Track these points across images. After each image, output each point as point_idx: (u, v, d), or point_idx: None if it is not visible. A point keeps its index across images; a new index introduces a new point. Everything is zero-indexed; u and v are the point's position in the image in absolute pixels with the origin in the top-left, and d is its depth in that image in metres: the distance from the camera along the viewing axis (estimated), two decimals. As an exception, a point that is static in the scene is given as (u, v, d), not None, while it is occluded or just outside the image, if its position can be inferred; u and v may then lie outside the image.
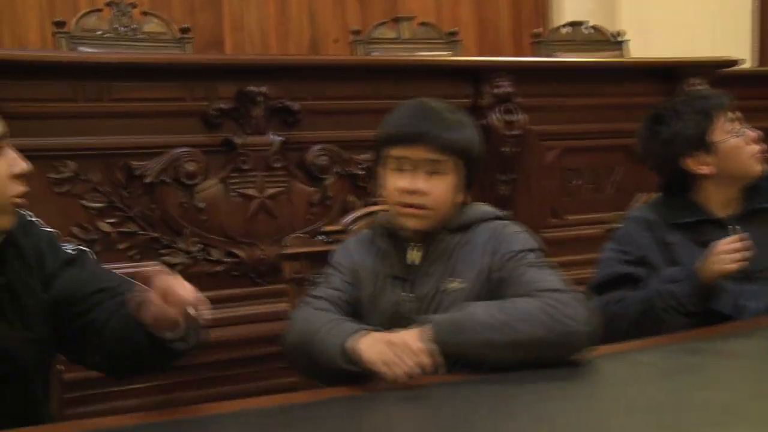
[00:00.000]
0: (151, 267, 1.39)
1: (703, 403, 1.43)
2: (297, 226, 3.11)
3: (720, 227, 2.31)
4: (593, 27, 5.01)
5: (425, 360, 1.54)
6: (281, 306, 3.00)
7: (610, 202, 3.51)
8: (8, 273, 1.52)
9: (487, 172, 3.37)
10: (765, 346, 1.96)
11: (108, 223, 2.77)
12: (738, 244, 2.13)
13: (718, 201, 2.36)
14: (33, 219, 1.65)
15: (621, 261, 2.32)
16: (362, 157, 3.20)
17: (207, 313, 1.44)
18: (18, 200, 1.49)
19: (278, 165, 3.06)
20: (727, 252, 2.12)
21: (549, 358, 1.63)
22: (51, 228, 1.70)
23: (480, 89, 3.35)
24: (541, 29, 5.21)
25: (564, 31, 4.95)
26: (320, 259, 2.16)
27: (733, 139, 2.31)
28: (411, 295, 1.87)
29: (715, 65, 3.86)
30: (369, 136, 3.16)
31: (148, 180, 2.88)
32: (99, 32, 4.06)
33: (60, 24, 3.92)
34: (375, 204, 3.14)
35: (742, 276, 2.21)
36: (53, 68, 2.78)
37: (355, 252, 1.95)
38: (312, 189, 3.14)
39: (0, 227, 1.49)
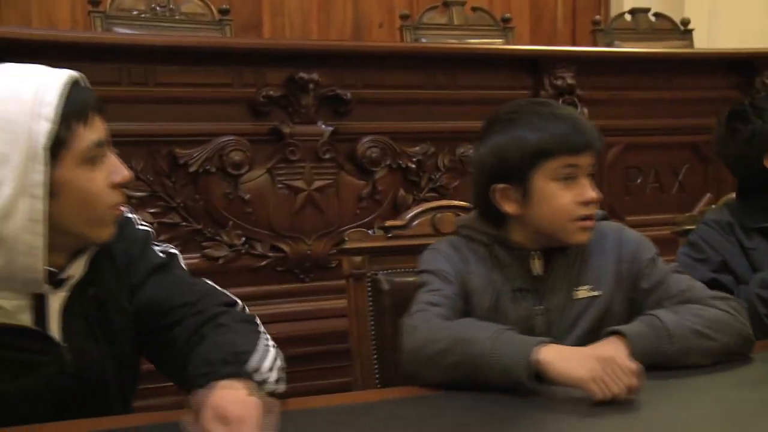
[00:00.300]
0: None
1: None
2: (345, 222, 3.06)
3: None
4: (657, 14, 4.88)
5: (636, 381, 1.41)
6: (326, 303, 2.98)
7: (674, 203, 3.46)
8: (99, 283, 1.46)
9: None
10: None
11: (150, 213, 2.73)
12: None
13: None
14: (130, 216, 1.56)
15: (702, 267, 2.21)
16: (415, 149, 3.15)
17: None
18: (117, 211, 1.43)
19: (327, 156, 3.00)
20: None
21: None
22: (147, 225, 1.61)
23: (540, 80, 3.30)
24: (600, 16, 5.07)
25: (626, 18, 4.82)
26: (380, 255, 2.11)
27: None
28: (541, 307, 1.77)
29: (796, 56, 3.77)
30: (422, 127, 3.15)
31: (192, 169, 2.83)
32: (135, 12, 4.00)
33: (95, 3, 3.85)
34: (425, 200, 3.11)
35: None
36: (97, 50, 2.74)
37: (459, 261, 1.78)
38: (361, 182, 3.09)
39: (100, 239, 1.42)
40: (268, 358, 1.41)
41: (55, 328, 1.39)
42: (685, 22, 4.87)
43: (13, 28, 3.66)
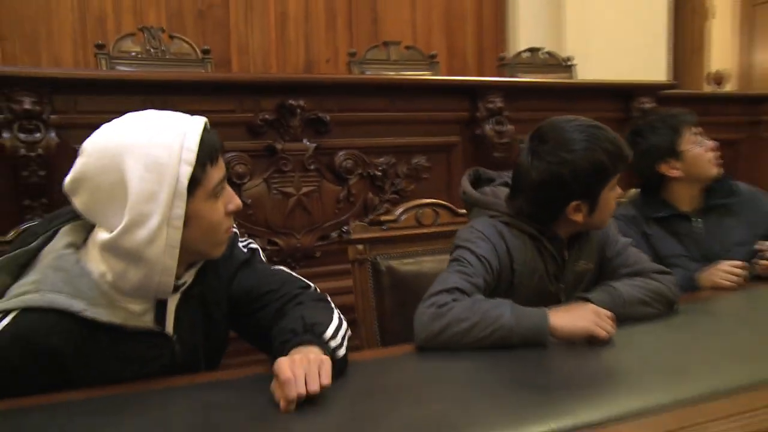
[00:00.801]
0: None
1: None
2: (327, 220, 3.06)
3: (686, 220, 2.38)
4: (548, 52, 5.00)
5: (613, 325, 1.56)
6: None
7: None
8: (203, 284, 1.47)
9: (482, 172, 3.36)
10: (729, 307, 2.00)
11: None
12: (738, 270, 2.15)
13: (684, 198, 2.40)
14: None
15: None
16: (380, 160, 3.15)
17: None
18: (230, 233, 1.47)
19: (312, 167, 3.00)
20: (727, 271, 2.15)
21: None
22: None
23: (476, 104, 3.32)
24: (504, 54, 5.16)
25: (524, 55, 4.92)
26: (378, 243, 2.13)
27: (697, 148, 2.36)
28: (562, 286, 1.81)
29: (659, 87, 3.90)
30: (385, 143, 3.16)
31: (204, 180, 2.78)
32: (133, 53, 3.94)
33: (100, 46, 3.80)
34: (388, 201, 3.14)
35: (704, 258, 2.28)
36: (128, 84, 2.69)
37: (504, 249, 1.73)
38: (339, 188, 3.09)
39: (216, 256, 1.45)
40: (342, 328, 1.43)
41: (170, 326, 1.42)
42: (568, 59, 5.02)
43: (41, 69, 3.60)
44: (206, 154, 1.32)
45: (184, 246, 1.32)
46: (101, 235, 1.30)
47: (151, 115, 1.36)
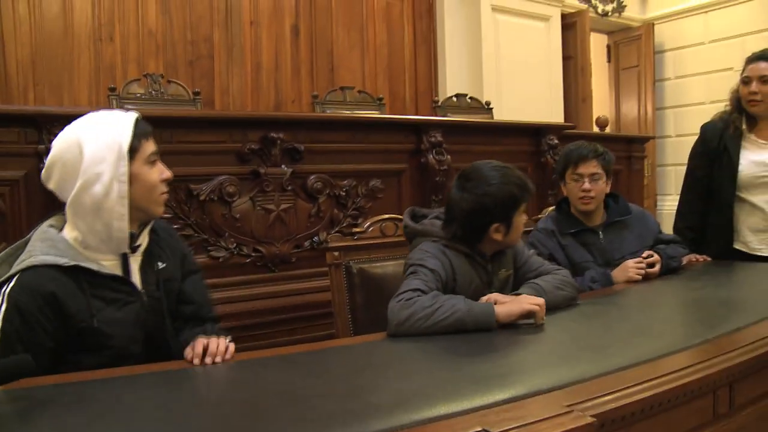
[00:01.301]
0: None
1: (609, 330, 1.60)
2: (300, 231, 3.05)
3: (593, 233, 2.41)
4: (471, 98, 5.06)
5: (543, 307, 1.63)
6: (289, 287, 2.98)
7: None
8: (160, 258, 1.60)
9: (425, 195, 3.39)
10: (635, 297, 2.07)
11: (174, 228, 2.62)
12: (643, 264, 2.23)
13: (589, 216, 2.43)
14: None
15: (539, 257, 2.35)
16: (344, 183, 3.16)
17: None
18: (165, 196, 1.58)
19: (289, 188, 2.99)
20: (635, 267, 2.24)
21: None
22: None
23: (420, 138, 3.35)
24: (437, 98, 5.22)
25: (453, 99, 4.95)
26: (350, 250, 2.13)
27: (572, 183, 2.41)
28: (492, 291, 1.83)
29: (562, 128, 4.01)
30: (348, 168, 3.18)
31: (201, 198, 2.77)
32: (138, 95, 3.87)
33: (112, 89, 3.74)
34: (350, 217, 3.15)
35: (606, 263, 2.35)
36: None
37: (447, 262, 1.79)
38: (310, 205, 3.07)
39: (156, 213, 1.58)
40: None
41: (137, 280, 1.52)
42: (488, 103, 5.11)
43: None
44: (141, 132, 1.50)
45: (131, 201, 1.46)
46: (69, 201, 1.44)
47: (99, 112, 1.53)
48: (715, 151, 2.77)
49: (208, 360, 1.39)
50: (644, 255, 2.32)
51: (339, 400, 1.11)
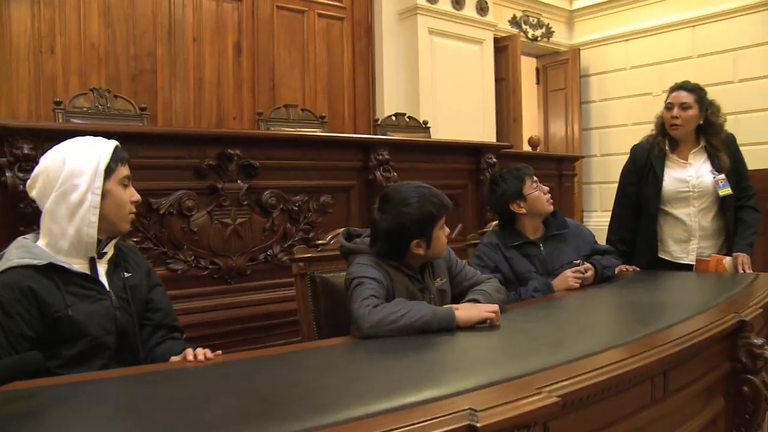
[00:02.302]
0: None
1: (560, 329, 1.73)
2: (256, 245, 3.15)
3: (534, 245, 2.62)
4: (409, 117, 5.25)
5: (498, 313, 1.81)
6: (246, 298, 3.07)
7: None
8: (126, 268, 1.78)
9: (372, 210, 3.53)
10: (575, 302, 2.23)
11: (133, 241, 2.70)
12: (580, 275, 2.46)
13: (530, 229, 2.64)
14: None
15: (485, 269, 2.51)
16: (296, 198, 3.27)
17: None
18: (132, 215, 1.77)
19: (245, 203, 3.09)
20: (573, 277, 2.47)
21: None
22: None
23: (368, 156, 3.51)
24: (377, 116, 5.40)
25: (392, 118, 5.13)
26: (314, 261, 2.25)
27: (536, 192, 2.62)
28: (432, 296, 2.02)
29: (500, 147, 4.25)
30: (300, 184, 3.31)
31: (161, 212, 2.84)
32: (84, 108, 3.89)
33: (58, 103, 3.75)
34: (302, 231, 3.28)
35: (546, 273, 2.55)
36: (106, 135, 2.70)
37: (383, 272, 1.94)
38: (265, 219, 3.18)
39: (122, 230, 1.77)
40: None
41: (104, 283, 1.69)
42: (425, 122, 5.33)
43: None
44: (118, 157, 1.71)
45: (102, 214, 1.65)
46: (46, 208, 1.63)
47: (85, 137, 1.73)
48: (643, 168, 3.08)
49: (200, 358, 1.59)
50: (576, 263, 2.55)
51: (340, 386, 1.27)
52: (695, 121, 3.00)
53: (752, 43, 6.25)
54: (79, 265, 1.66)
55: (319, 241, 2.33)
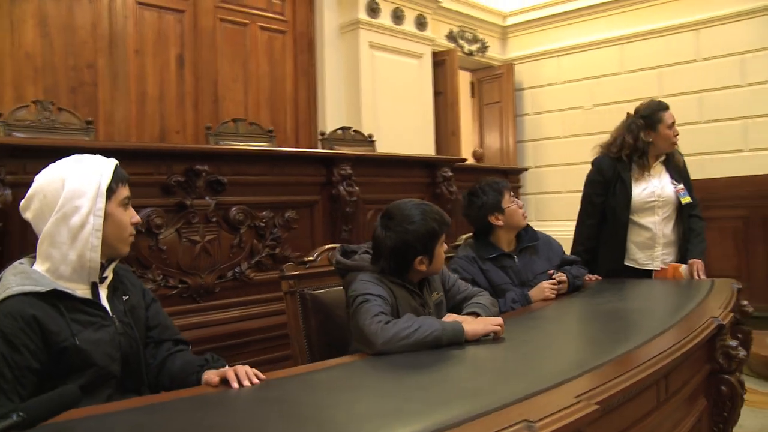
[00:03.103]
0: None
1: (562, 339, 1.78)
2: (224, 262, 3.11)
3: (509, 257, 2.70)
4: (355, 130, 5.29)
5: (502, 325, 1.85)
6: (215, 317, 3.02)
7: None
8: (124, 291, 1.72)
9: (336, 225, 3.55)
10: (558, 316, 2.28)
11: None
12: (557, 285, 2.55)
13: (505, 242, 2.72)
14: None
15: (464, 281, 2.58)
16: (263, 214, 3.26)
17: None
18: (132, 237, 1.72)
19: (213, 219, 3.05)
20: (549, 288, 2.57)
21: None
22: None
23: (331, 171, 3.52)
24: (324, 130, 5.40)
25: (338, 132, 5.14)
26: (305, 278, 2.25)
27: (513, 205, 2.71)
28: (430, 311, 2.05)
29: (454, 161, 4.35)
30: (266, 200, 3.30)
31: (130, 230, 2.75)
32: (27, 122, 3.73)
33: (-5, 114, 3.60)
34: (268, 247, 3.25)
35: (521, 284, 2.63)
36: (72, 150, 2.60)
37: (386, 289, 1.95)
38: (232, 236, 3.15)
39: (123, 253, 1.71)
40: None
41: (107, 307, 1.63)
42: (370, 136, 5.38)
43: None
44: (119, 177, 1.66)
45: (103, 236, 1.59)
46: (45, 232, 1.55)
47: (82, 155, 1.68)
48: (611, 179, 3.22)
49: (245, 383, 1.49)
50: (555, 277, 2.65)
51: (392, 400, 1.28)
52: None
53: (675, 61, 6.62)
54: (82, 291, 1.59)
55: (307, 258, 2.33)
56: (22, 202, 1.62)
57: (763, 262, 4.96)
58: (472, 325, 1.84)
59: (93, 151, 2.64)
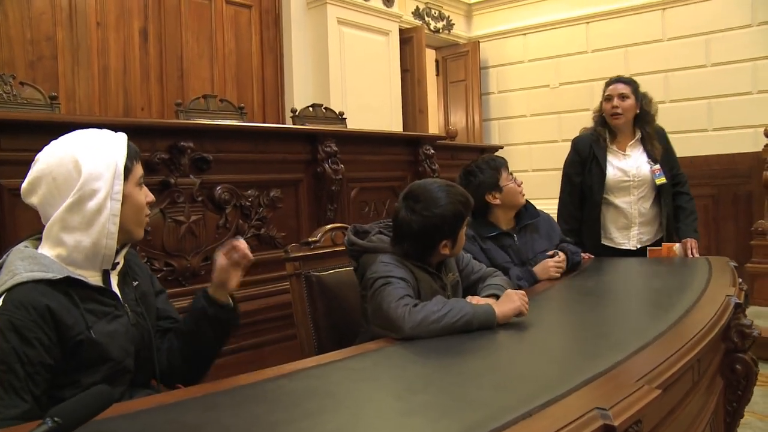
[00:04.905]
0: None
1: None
2: (209, 243, 2.96)
3: (509, 236, 2.63)
4: (326, 108, 5.13)
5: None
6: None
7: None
8: (134, 278, 1.59)
9: (321, 204, 3.44)
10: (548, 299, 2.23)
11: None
12: (561, 264, 2.49)
13: (504, 220, 2.65)
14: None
15: None
16: (248, 193, 3.12)
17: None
18: (147, 219, 1.60)
19: (199, 199, 2.90)
20: (554, 266, 2.50)
21: None
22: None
23: (316, 148, 3.40)
24: (290, 107, 5.23)
25: (310, 109, 4.96)
26: (308, 260, 2.15)
27: (511, 183, 2.64)
28: (449, 293, 1.97)
29: (436, 138, 4.27)
30: (251, 179, 3.17)
31: (113, 211, 2.59)
32: (-14, 96, 3.50)
33: (-48, 86, 3.34)
34: (254, 227, 3.13)
35: (521, 263, 2.58)
36: (47, 126, 2.44)
37: (407, 270, 1.87)
38: (218, 216, 3.00)
39: (138, 236, 1.57)
40: None
41: (118, 294, 1.50)
42: (342, 113, 5.25)
43: None
44: (132, 154, 1.51)
45: (120, 221, 1.44)
46: (56, 217, 1.40)
47: (87, 130, 1.50)
48: (587, 159, 3.20)
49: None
50: (551, 254, 2.60)
51: (447, 387, 1.20)
52: (633, 110, 3.17)
53: (641, 40, 6.66)
54: (94, 278, 1.45)
55: (312, 239, 2.22)
56: (24, 185, 1.44)
57: (733, 239, 5.05)
58: (502, 307, 1.76)
59: (72, 125, 2.50)
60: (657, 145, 3.19)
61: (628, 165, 3.18)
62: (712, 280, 2.28)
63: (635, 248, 3.18)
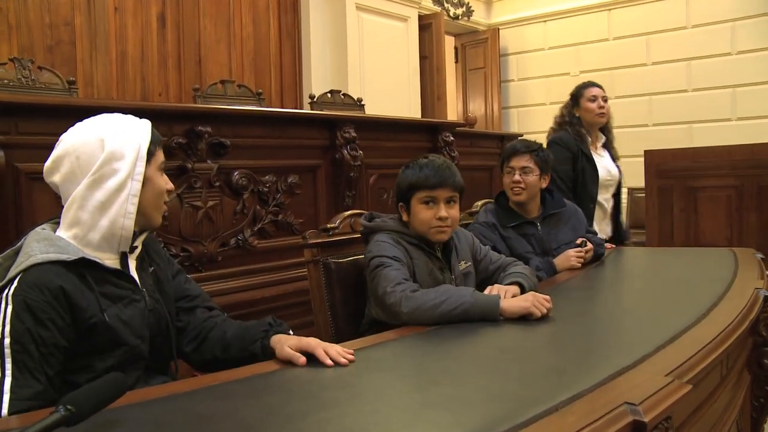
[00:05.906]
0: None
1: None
2: (227, 229, 2.95)
3: (532, 224, 2.57)
4: (345, 94, 5.09)
5: (550, 305, 1.69)
6: (217, 286, 2.87)
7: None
8: (152, 262, 1.56)
9: (339, 191, 3.41)
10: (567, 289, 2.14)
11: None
12: (583, 253, 2.44)
13: (527, 209, 2.59)
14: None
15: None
16: (265, 178, 3.09)
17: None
18: (165, 206, 1.56)
19: (216, 184, 2.88)
20: (576, 256, 2.44)
21: None
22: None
23: (335, 134, 3.36)
24: (307, 93, 5.19)
25: (328, 95, 4.93)
26: (327, 247, 2.11)
27: (506, 177, 2.60)
28: (453, 277, 1.94)
29: (455, 125, 4.21)
30: (269, 164, 3.13)
31: (130, 195, 2.57)
32: (5, 81, 3.48)
33: (-27, 73, 3.33)
34: (271, 213, 3.10)
35: (544, 253, 2.52)
36: (65, 110, 2.42)
37: (403, 251, 1.88)
38: (235, 201, 2.98)
39: (156, 223, 1.54)
40: None
41: (136, 278, 1.48)
42: (360, 100, 5.20)
43: None
44: (155, 139, 1.50)
45: (138, 205, 1.42)
46: (76, 194, 1.38)
47: (113, 114, 1.49)
48: (577, 153, 3.25)
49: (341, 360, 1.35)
50: (579, 243, 2.54)
51: (476, 379, 1.16)
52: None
53: (664, 28, 6.53)
54: (111, 261, 1.43)
55: (330, 225, 2.19)
56: (48, 164, 1.42)
57: (756, 231, 4.93)
58: (512, 302, 1.70)
59: (89, 109, 2.48)
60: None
61: (606, 164, 3.35)
62: (739, 272, 2.21)
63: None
